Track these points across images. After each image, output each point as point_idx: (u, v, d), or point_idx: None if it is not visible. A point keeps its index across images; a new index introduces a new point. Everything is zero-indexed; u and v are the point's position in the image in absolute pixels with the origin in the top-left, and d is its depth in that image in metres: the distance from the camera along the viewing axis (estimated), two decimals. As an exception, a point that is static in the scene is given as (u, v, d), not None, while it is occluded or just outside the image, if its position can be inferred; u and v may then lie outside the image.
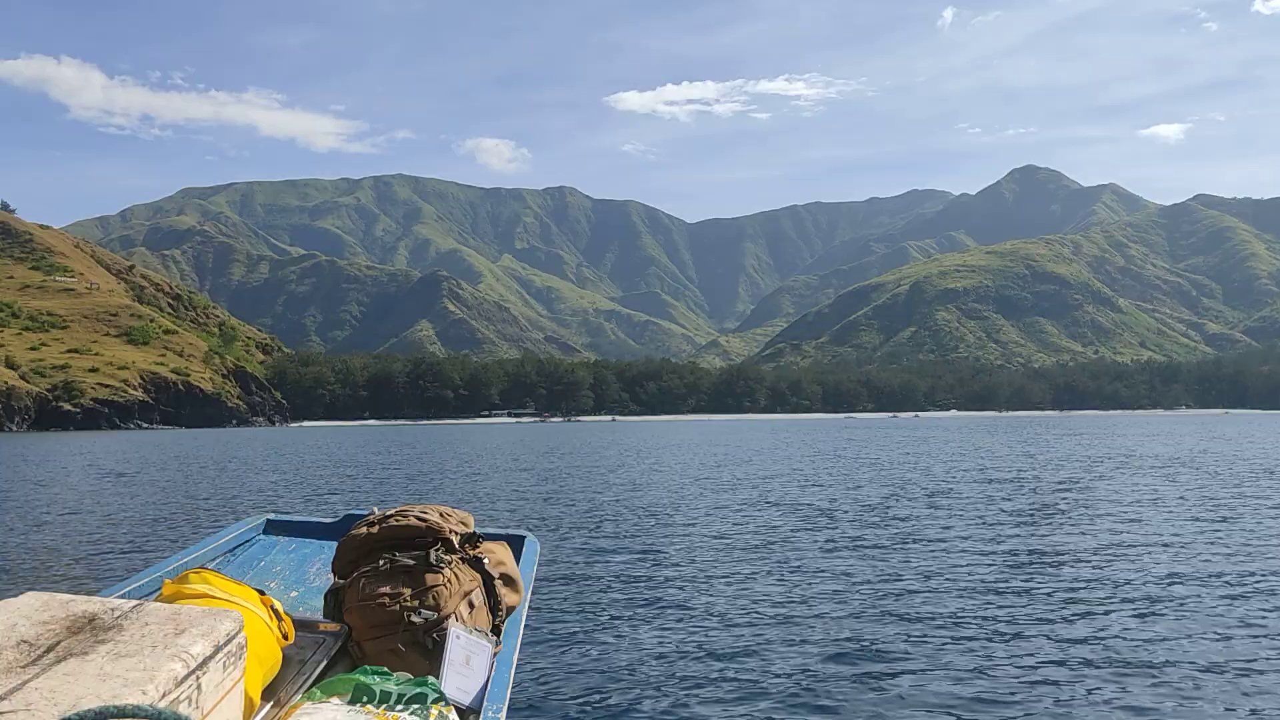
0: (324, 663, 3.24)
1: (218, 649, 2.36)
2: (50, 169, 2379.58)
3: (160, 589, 3.14)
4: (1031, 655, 7.84)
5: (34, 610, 2.36)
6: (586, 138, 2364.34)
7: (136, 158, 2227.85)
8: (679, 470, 34.58)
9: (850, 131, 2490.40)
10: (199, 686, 2.25)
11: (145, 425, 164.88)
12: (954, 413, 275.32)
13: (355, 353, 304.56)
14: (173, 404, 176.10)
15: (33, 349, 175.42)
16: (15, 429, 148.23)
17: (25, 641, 2.19)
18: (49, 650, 2.16)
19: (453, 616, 3.43)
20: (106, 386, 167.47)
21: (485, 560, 3.74)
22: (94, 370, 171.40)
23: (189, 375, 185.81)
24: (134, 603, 2.50)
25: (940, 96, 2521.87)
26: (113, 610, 2.41)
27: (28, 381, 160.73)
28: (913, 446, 53.20)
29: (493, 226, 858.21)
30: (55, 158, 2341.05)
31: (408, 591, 3.42)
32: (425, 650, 3.34)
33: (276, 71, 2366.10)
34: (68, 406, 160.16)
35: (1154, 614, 9.29)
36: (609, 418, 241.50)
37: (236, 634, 2.47)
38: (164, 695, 2.08)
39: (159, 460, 47.56)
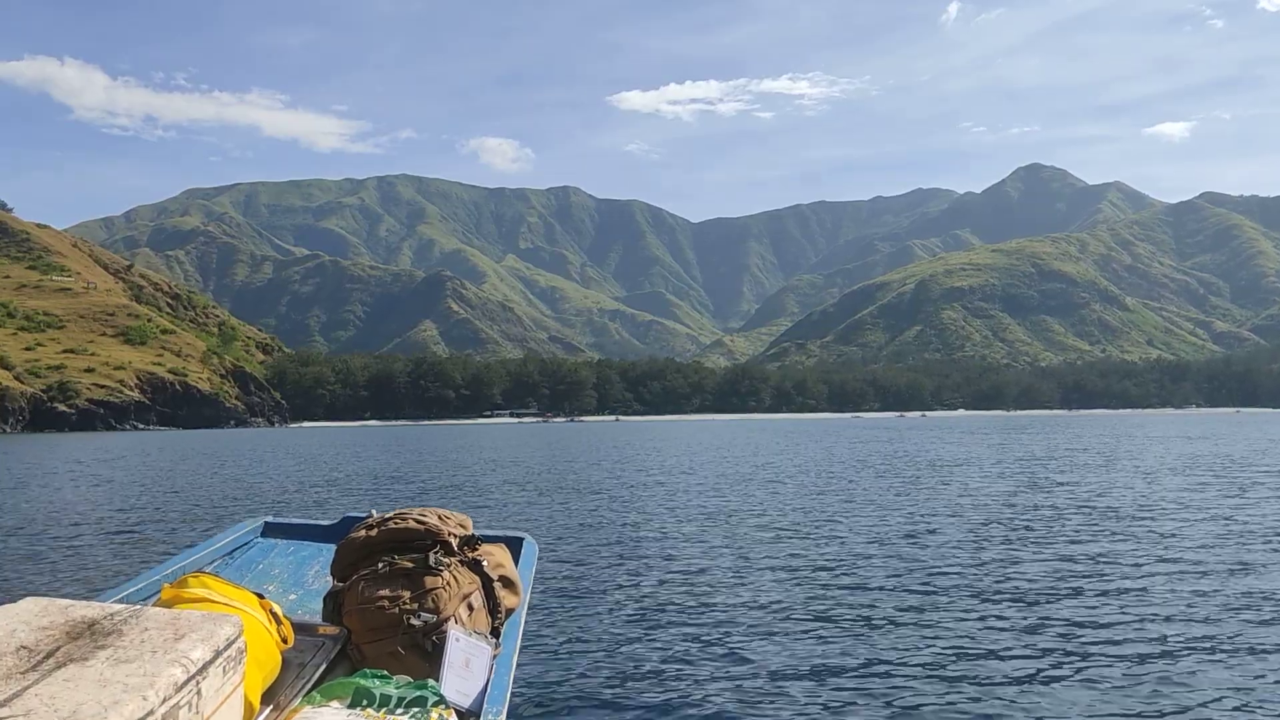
0: (323, 666, 3.24)
1: (218, 654, 2.35)
2: (54, 170, 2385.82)
3: (159, 593, 3.14)
4: None
5: (33, 616, 2.36)
6: (590, 137, 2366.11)
7: (140, 159, 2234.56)
8: (681, 471, 33.24)
9: (854, 130, 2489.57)
10: (199, 692, 2.25)
11: (141, 426, 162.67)
12: (961, 412, 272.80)
13: (356, 353, 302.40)
14: (170, 404, 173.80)
15: (28, 349, 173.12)
16: (9, 430, 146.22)
17: (25, 647, 2.19)
18: (48, 656, 2.16)
19: (452, 619, 3.43)
20: (102, 387, 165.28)
21: (484, 563, 3.75)
22: (90, 370, 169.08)
23: (186, 375, 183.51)
24: (133, 608, 2.49)
25: (943, 95, 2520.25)
26: (112, 615, 2.40)
27: (22, 382, 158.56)
28: (936, 448, 50.57)
29: (496, 226, 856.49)
30: (59, 159, 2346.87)
31: (407, 594, 3.42)
32: (425, 653, 3.34)
33: (278, 72, 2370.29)
34: (63, 407, 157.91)
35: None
36: (612, 418, 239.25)
37: (236, 638, 2.47)
38: (164, 701, 2.09)
39: (155, 462, 46.40)
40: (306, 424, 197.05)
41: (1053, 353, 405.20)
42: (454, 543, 3.67)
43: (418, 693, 2.95)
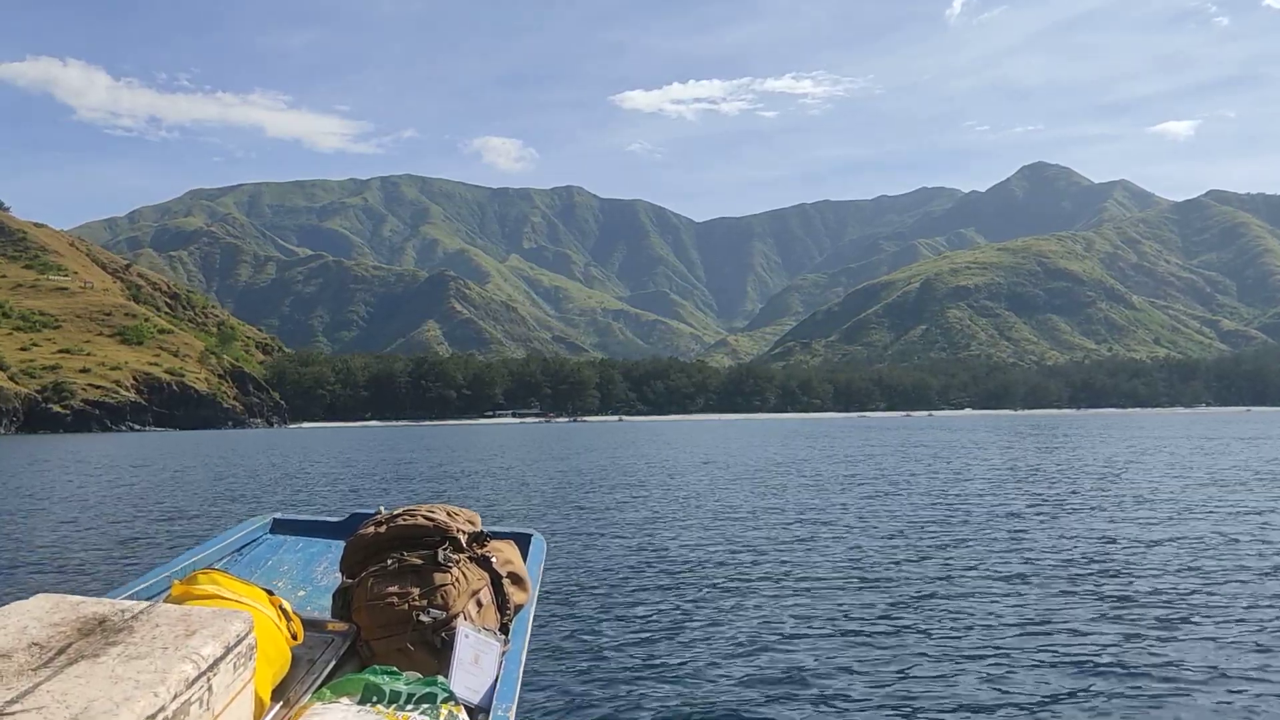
0: (333, 662, 3.24)
1: (228, 650, 2.35)
2: (57, 171, 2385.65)
3: (169, 589, 3.14)
4: None
5: (45, 612, 2.35)
6: (593, 137, 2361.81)
7: (143, 159, 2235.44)
8: (685, 469, 32.82)
9: (858, 130, 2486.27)
10: (210, 688, 2.25)
11: (137, 427, 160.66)
12: (968, 411, 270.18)
13: (357, 353, 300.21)
14: (167, 405, 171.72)
15: (23, 349, 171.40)
16: (3, 431, 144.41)
17: (36, 644, 2.18)
18: (60, 652, 2.16)
19: (461, 615, 3.43)
20: (98, 388, 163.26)
21: (493, 559, 3.75)
22: (85, 371, 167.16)
23: (184, 376, 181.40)
24: (144, 604, 2.49)
25: (947, 94, 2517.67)
26: (123, 612, 2.40)
27: (17, 383, 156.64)
28: (980, 452, 48.09)
29: (500, 226, 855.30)
30: (62, 159, 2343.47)
31: (416, 591, 3.42)
32: (434, 649, 3.34)
33: (281, 73, 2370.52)
34: (58, 408, 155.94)
35: None
36: (615, 418, 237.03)
37: (247, 635, 2.46)
38: (175, 697, 2.09)
39: (158, 462, 46.00)
40: (306, 424, 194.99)
41: (1059, 351, 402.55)
42: (463, 539, 3.67)
43: (427, 689, 2.95)
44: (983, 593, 10.16)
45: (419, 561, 3.49)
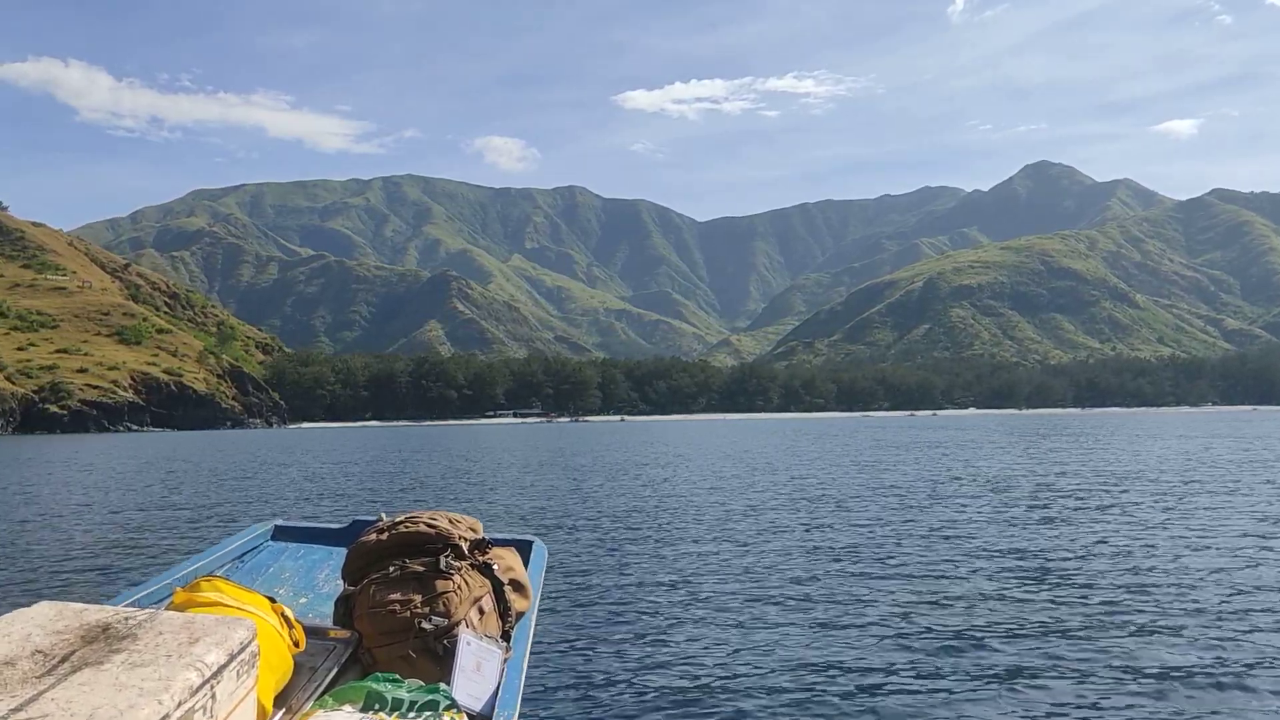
0: (335, 670, 3.25)
1: (232, 657, 2.36)
2: (59, 172, 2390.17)
3: (171, 597, 3.15)
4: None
5: (48, 620, 2.36)
6: (595, 137, 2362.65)
7: (145, 160, 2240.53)
8: (688, 471, 32.25)
9: (860, 129, 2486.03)
10: (214, 695, 2.25)
11: (135, 427, 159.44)
12: (973, 411, 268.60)
13: (358, 353, 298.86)
14: (165, 405, 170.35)
15: (20, 349, 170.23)
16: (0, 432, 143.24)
17: (40, 651, 2.19)
18: (64, 660, 2.16)
19: (463, 623, 3.44)
20: (95, 388, 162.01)
21: (495, 566, 3.75)
22: (83, 371, 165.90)
23: (182, 376, 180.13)
24: (147, 611, 2.49)
25: (949, 94, 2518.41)
26: (126, 619, 2.40)
27: (13, 383, 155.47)
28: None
29: (502, 226, 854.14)
30: (64, 160, 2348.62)
31: (418, 598, 3.42)
32: (436, 657, 3.34)
33: (283, 73, 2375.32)
34: (54, 408, 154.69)
35: None
36: (617, 418, 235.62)
37: (250, 642, 2.47)
38: (179, 705, 2.09)
39: (158, 465, 45.34)
40: (305, 425, 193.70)
41: (1062, 350, 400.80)
42: (465, 546, 3.68)
43: (429, 696, 2.96)
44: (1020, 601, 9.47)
45: (421, 569, 3.49)
